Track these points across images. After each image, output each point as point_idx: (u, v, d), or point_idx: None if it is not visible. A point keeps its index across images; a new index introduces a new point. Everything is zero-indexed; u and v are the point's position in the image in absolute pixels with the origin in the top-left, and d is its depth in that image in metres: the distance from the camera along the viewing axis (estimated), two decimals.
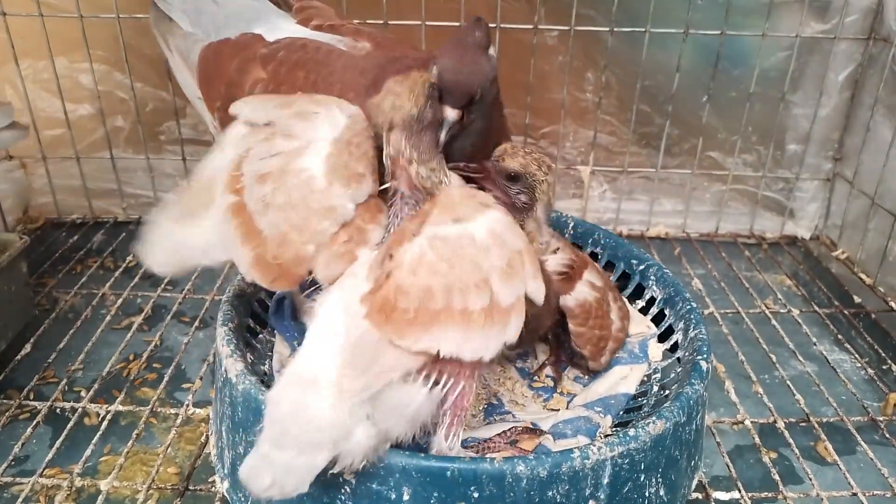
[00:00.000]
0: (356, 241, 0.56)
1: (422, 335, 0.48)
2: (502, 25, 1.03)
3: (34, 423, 0.72)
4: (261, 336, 0.72)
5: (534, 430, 0.59)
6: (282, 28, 0.76)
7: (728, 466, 0.71)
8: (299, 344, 0.70)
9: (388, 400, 0.49)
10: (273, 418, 0.48)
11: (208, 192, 0.59)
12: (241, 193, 0.57)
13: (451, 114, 0.58)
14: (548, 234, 0.66)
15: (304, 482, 0.47)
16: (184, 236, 0.61)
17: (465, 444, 0.57)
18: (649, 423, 0.55)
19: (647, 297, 0.78)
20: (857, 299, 1.01)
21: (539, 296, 0.53)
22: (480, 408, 0.68)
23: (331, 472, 0.48)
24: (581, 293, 0.69)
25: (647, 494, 0.55)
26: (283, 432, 0.47)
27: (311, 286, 0.77)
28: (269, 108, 0.60)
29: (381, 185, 0.59)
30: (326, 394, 0.48)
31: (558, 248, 0.69)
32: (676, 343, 0.72)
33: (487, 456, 0.52)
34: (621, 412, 0.66)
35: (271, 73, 0.69)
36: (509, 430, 0.60)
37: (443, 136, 0.58)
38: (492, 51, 0.62)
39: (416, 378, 0.49)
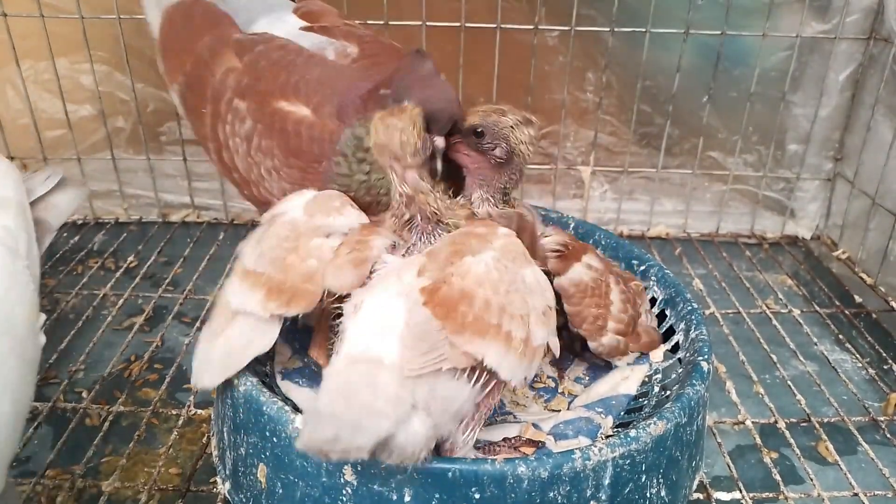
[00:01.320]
0: (360, 250, 0.57)
1: (474, 339, 0.50)
2: (503, 26, 1.03)
3: (36, 423, 0.73)
4: None
5: (535, 443, 0.60)
6: (284, 20, 0.75)
7: (729, 467, 0.71)
8: (299, 345, 0.70)
9: (439, 393, 0.50)
10: (335, 387, 0.49)
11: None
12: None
13: (440, 141, 0.60)
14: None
15: (366, 444, 0.47)
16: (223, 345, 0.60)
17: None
18: (650, 423, 0.55)
19: (648, 297, 0.78)
20: (857, 299, 1.01)
21: (556, 348, 0.57)
22: None
23: (386, 463, 0.49)
24: (577, 273, 0.68)
25: (648, 495, 0.55)
26: (348, 399, 0.48)
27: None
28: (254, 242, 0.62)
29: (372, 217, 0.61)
30: (391, 373, 0.49)
31: (551, 234, 0.69)
32: (677, 344, 0.72)
33: (489, 457, 0.52)
34: (622, 413, 0.66)
35: (247, 65, 0.68)
36: (514, 438, 0.61)
37: (439, 164, 0.60)
38: (442, 76, 0.63)
39: (461, 375, 0.51)
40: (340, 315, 0.55)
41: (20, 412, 0.52)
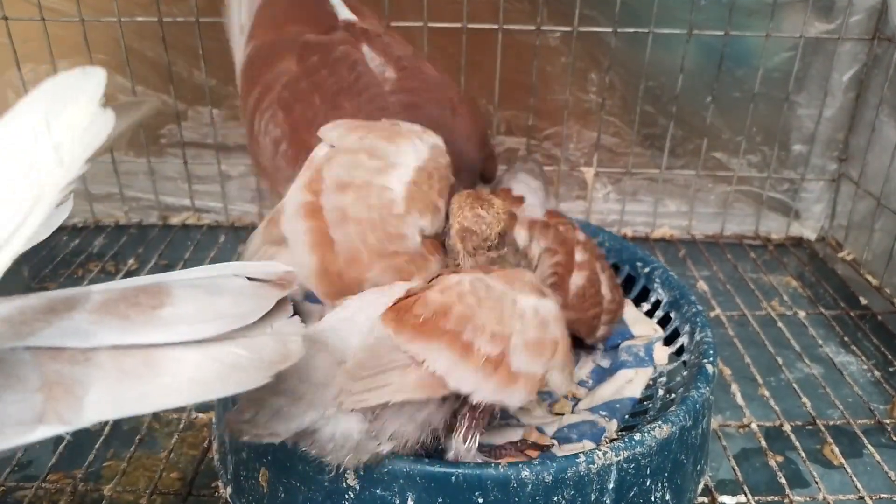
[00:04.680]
0: (417, 265, 0.56)
1: (418, 341, 0.48)
2: (505, 27, 1.03)
3: None
4: None
5: (541, 447, 0.60)
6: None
7: (734, 470, 0.70)
8: None
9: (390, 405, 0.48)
10: None
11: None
12: (319, 196, 0.56)
13: None
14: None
15: (282, 432, 0.45)
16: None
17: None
18: (655, 427, 0.54)
19: (653, 299, 0.78)
20: (863, 301, 1.01)
21: (560, 388, 0.54)
22: None
23: (322, 460, 0.48)
24: (574, 284, 0.68)
25: (652, 499, 0.55)
26: (280, 379, 0.46)
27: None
28: (355, 135, 0.60)
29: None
30: (330, 356, 0.47)
31: (543, 252, 0.68)
32: (682, 346, 0.71)
33: (493, 461, 0.52)
34: (627, 416, 0.66)
35: (296, 77, 0.70)
36: (519, 442, 0.60)
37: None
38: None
39: None
40: None
41: None
